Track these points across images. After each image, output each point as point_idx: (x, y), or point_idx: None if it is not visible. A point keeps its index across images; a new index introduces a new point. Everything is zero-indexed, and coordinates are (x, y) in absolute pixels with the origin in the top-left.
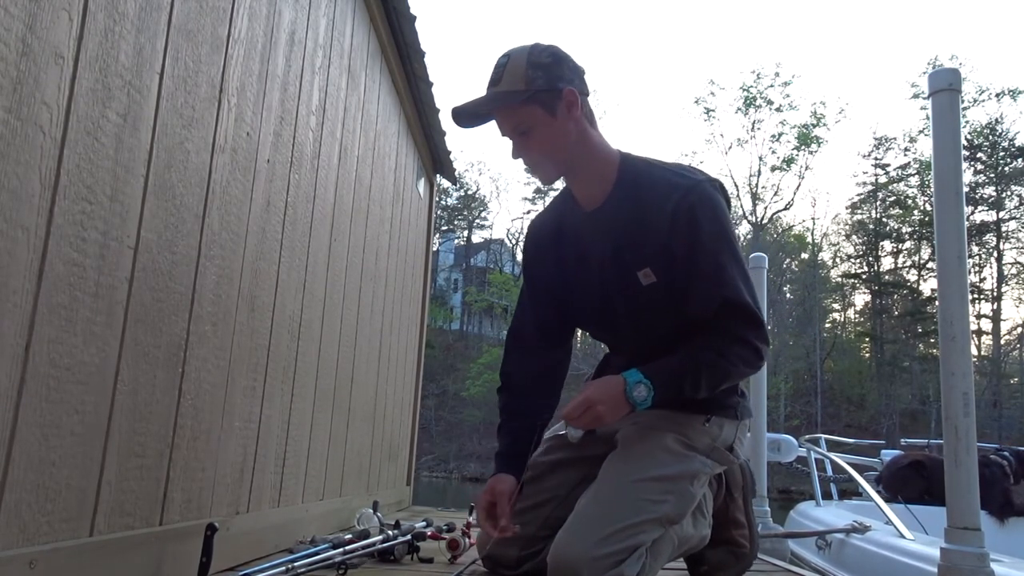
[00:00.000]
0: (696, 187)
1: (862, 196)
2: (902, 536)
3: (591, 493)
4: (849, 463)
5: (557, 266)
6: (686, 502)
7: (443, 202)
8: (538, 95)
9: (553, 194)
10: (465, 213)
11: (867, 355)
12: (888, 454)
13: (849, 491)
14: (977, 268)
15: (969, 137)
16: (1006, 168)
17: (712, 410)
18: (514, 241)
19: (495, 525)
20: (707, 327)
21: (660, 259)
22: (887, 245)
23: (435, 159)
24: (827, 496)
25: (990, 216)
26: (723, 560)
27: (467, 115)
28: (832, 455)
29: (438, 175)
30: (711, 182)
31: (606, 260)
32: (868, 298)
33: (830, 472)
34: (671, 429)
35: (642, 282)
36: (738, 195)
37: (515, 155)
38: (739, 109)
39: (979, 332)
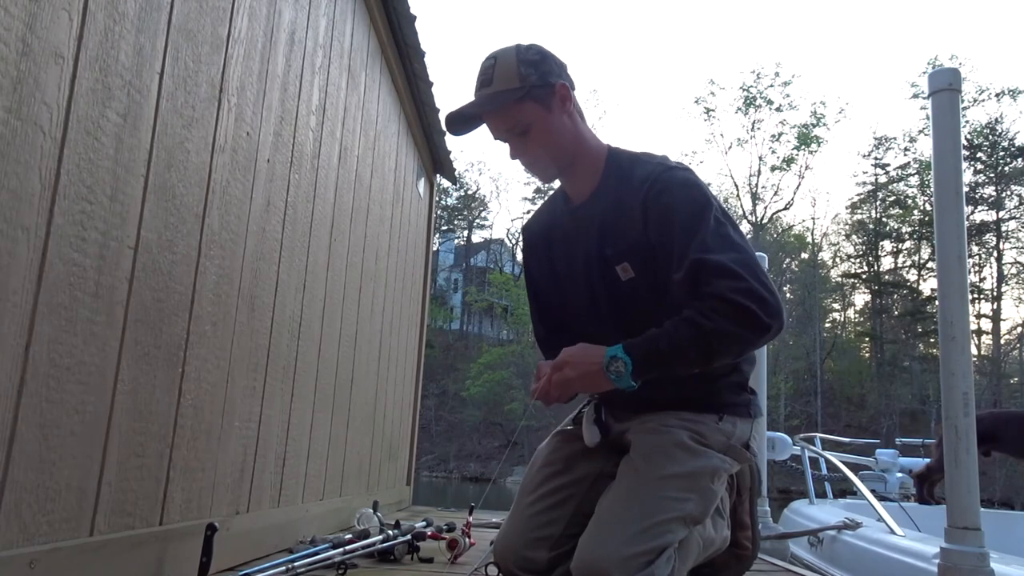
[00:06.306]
0: (665, 173)
1: (862, 196)
2: (892, 532)
3: (611, 494)
4: (843, 462)
5: (549, 264)
6: (708, 500)
7: (443, 202)
8: (533, 91)
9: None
10: (465, 213)
11: (867, 355)
12: (884, 453)
13: (847, 490)
14: (977, 268)
15: (969, 137)
16: (1006, 168)
17: (723, 409)
18: (514, 241)
19: (538, 379)
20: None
21: (637, 254)
22: (887, 245)
23: (435, 159)
24: (823, 495)
25: (990, 216)
26: (725, 562)
27: (463, 120)
28: (826, 453)
29: (438, 175)
30: (683, 168)
31: (591, 255)
32: (868, 298)
33: (825, 471)
34: (684, 427)
35: (621, 277)
36: (738, 195)
37: (513, 155)
38: (739, 109)
39: (979, 332)
